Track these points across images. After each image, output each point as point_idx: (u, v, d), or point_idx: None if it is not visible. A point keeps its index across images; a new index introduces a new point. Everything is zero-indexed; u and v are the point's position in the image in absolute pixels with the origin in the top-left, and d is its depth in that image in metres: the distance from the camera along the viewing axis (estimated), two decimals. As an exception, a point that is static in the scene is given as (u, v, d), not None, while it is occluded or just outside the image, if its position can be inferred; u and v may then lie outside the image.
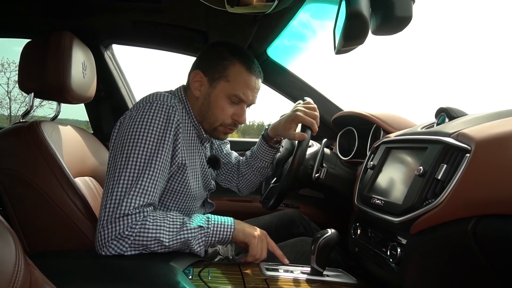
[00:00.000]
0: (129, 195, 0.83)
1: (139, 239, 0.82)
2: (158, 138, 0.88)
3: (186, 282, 0.73)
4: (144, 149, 0.87)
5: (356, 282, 0.91)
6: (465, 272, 0.68)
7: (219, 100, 1.00)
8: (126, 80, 1.77)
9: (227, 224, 0.93)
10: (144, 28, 1.41)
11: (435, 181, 0.74)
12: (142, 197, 0.84)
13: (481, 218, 0.62)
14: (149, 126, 0.88)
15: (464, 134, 0.73)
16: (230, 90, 0.99)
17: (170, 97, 0.96)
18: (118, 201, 0.83)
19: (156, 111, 0.90)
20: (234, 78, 0.99)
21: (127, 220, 0.82)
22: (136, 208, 0.83)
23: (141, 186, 0.84)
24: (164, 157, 0.89)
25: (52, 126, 1.08)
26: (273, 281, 0.84)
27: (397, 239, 0.82)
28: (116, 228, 0.81)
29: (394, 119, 1.24)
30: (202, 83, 1.01)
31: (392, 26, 0.79)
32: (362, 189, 1.02)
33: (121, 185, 0.84)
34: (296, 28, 1.51)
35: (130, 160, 0.86)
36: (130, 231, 0.81)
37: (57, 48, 1.05)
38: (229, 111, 1.01)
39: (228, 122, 1.03)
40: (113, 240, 0.81)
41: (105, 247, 0.81)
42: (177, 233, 0.85)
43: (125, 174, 0.85)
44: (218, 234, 0.90)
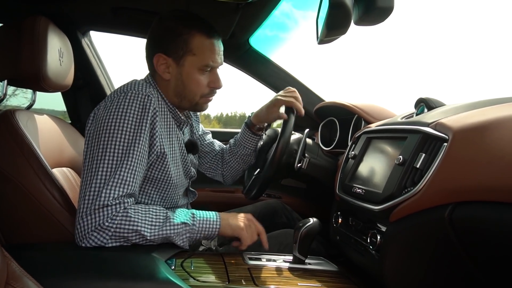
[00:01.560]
0: (108, 186, 0.82)
1: (120, 231, 0.81)
2: (134, 128, 0.87)
3: (169, 272, 0.73)
4: (121, 139, 0.85)
5: (338, 270, 0.93)
6: (442, 258, 0.71)
7: (192, 75, 0.98)
8: (105, 68, 1.72)
9: (213, 220, 0.91)
10: (124, 14, 1.36)
11: (414, 170, 0.76)
12: (122, 187, 0.83)
13: (458, 205, 0.64)
14: (125, 116, 0.86)
15: (442, 123, 0.75)
16: (200, 62, 0.97)
17: (145, 85, 0.94)
18: (97, 192, 0.81)
19: (132, 101, 0.88)
20: (199, 49, 0.96)
21: (107, 211, 0.80)
22: (116, 198, 0.81)
23: (119, 176, 0.83)
24: (142, 147, 0.88)
25: (27, 115, 1.05)
26: (256, 270, 0.85)
27: (377, 227, 0.84)
28: (96, 219, 0.80)
29: (375, 110, 1.26)
30: (168, 64, 0.98)
31: (374, 16, 0.79)
32: (344, 178, 1.03)
33: (99, 176, 0.83)
34: (279, 18, 1.51)
35: (107, 150, 0.84)
36: (110, 222, 0.80)
37: (32, 33, 1.01)
38: (204, 81, 1.00)
39: (206, 92, 1.02)
40: (93, 232, 0.80)
41: (85, 239, 0.80)
42: (159, 227, 0.84)
43: (103, 165, 0.83)
44: (204, 231, 0.89)
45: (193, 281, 0.75)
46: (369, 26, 0.84)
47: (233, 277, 0.79)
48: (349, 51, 15.23)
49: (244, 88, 1.51)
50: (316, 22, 0.94)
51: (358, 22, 0.82)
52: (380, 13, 0.78)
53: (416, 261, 0.76)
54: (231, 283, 0.76)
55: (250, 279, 0.79)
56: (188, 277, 0.76)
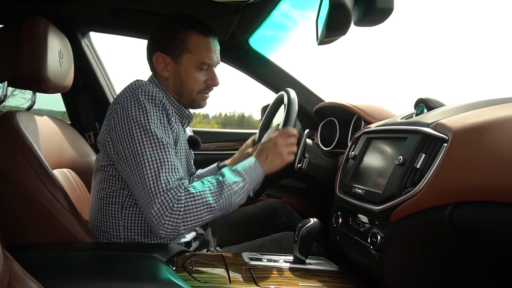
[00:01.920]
0: (163, 171, 0.85)
1: (189, 209, 0.82)
2: (159, 120, 0.91)
3: (170, 273, 0.73)
4: (154, 132, 0.88)
5: (338, 270, 0.93)
6: (442, 258, 0.71)
7: (190, 72, 1.02)
8: (105, 69, 1.72)
9: (255, 167, 0.95)
10: (124, 15, 1.36)
11: (414, 170, 0.76)
12: (174, 172, 0.86)
13: (458, 205, 0.64)
14: (150, 112, 0.90)
15: (441, 124, 0.75)
16: (197, 59, 1.01)
17: (149, 85, 0.97)
18: (156, 178, 0.84)
19: (144, 99, 0.91)
20: (196, 47, 1.01)
21: (172, 194, 0.83)
22: (174, 181, 0.85)
23: (168, 162, 0.86)
24: (169, 136, 0.92)
25: (27, 116, 1.05)
26: (257, 270, 0.85)
27: (377, 227, 0.84)
28: (167, 203, 0.82)
29: (374, 110, 1.26)
30: (166, 63, 1.02)
31: (374, 17, 0.80)
32: (344, 178, 1.04)
33: (149, 168, 0.85)
34: (278, 19, 1.51)
35: (145, 144, 0.87)
36: (178, 204, 0.82)
37: (32, 35, 1.01)
38: (201, 79, 1.04)
39: (203, 88, 1.05)
40: (167, 217, 0.81)
41: (163, 225, 0.82)
42: (219, 193, 0.86)
43: (148, 157, 0.86)
44: (254, 180, 0.94)
45: (194, 281, 0.75)
46: (369, 27, 0.84)
47: (234, 278, 0.79)
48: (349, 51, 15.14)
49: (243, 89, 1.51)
50: (316, 22, 0.94)
51: (358, 23, 0.82)
52: (380, 14, 0.78)
53: (417, 261, 0.76)
54: (233, 283, 0.77)
55: (251, 279, 0.79)
56: (190, 277, 0.77)
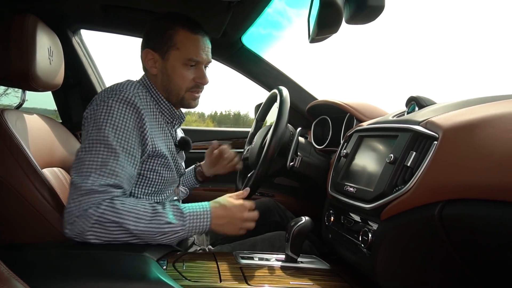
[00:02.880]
0: (95, 173, 0.83)
1: (102, 220, 0.80)
2: (121, 125, 0.88)
3: (160, 272, 0.72)
4: (108, 135, 0.87)
5: (330, 268, 0.93)
6: (433, 256, 0.71)
7: (177, 69, 1.01)
8: (96, 67, 1.70)
9: (204, 217, 0.90)
10: (114, 13, 1.35)
11: (404, 168, 0.76)
12: (110, 177, 0.84)
13: (447, 203, 0.64)
14: (111, 114, 0.88)
15: (432, 122, 0.75)
16: (183, 56, 1.00)
17: (132, 85, 0.96)
18: (84, 178, 0.82)
19: (116, 99, 0.90)
20: (182, 44, 1.00)
21: (92, 196, 0.81)
22: (102, 185, 0.82)
23: (108, 167, 0.84)
24: (129, 144, 0.89)
25: (16, 114, 1.03)
26: (248, 269, 0.84)
27: (368, 225, 0.84)
28: (81, 204, 0.80)
29: (366, 108, 1.26)
30: (155, 60, 1.02)
31: (365, 15, 0.80)
32: (336, 177, 1.03)
33: (87, 164, 0.84)
34: (272, 17, 1.50)
35: (95, 144, 0.86)
36: (94, 210, 0.80)
37: (20, 32, 0.99)
38: (189, 76, 1.02)
39: (191, 86, 1.04)
40: (77, 218, 0.80)
41: (70, 225, 0.80)
42: (146, 223, 0.83)
43: (91, 156, 0.85)
44: (194, 230, 0.88)
45: (185, 281, 0.75)
46: (361, 25, 0.84)
47: (225, 277, 0.78)
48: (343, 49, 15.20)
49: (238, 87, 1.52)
50: (308, 20, 0.94)
51: (350, 21, 0.82)
52: (371, 12, 0.78)
53: (407, 259, 0.76)
54: (223, 282, 0.76)
55: (242, 278, 0.79)
56: (180, 277, 0.76)
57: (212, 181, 1.72)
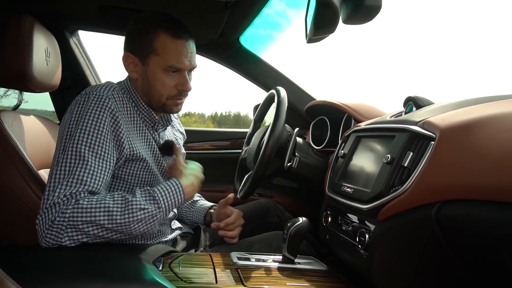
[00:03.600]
0: (62, 185, 0.80)
1: (73, 224, 0.78)
2: (92, 130, 0.86)
3: (155, 274, 0.72)
4: (79, 140, 0.84)
5: (327, 269, 0.92)
6: (430, 257, 0.71)
7: (157, 75, 0.96)
8: (94, 68, 1.70)
9: (177, 191, 0.87)
10: (112, 13, 1.35)
11: (402, 169, 0.76)
12: (77, 186, 0.81)
13: (444, 204, 0.64)
14: (83, 118, 0.86)
15: (429, 122, 0.75)
16: (163, 63, 0.95)
17: (108, 87, 0.93)
18: (51, 191, 0.80)
19: (89, 102, 0.88)
20: (162, 49, 0.94)
21: (57, 207, 0.78)
22: (67, 195, 0.80)
23: (75, 176, 0.81)
24: (102, 148, 0.86)
25: (13, 116, 1.03)
26: (245, 270, 0.84)
27: (365, 225, 0.83)
28: (48, 216, 0.78)
29: (364, 108, 1.26)
30: (135, 63, 0.97)
31: (362, 15, 0.79)
32: (333, 177, 1.03)
33: (56, 176, 0.82)
34: (271, 18, 1.50)
35: (66, 151, 0.84)
36: (61, 217, 0.78)
37: (17, 33, 0.99)
38: (170, 83, 0.97)
39: (173, 94, 0.99)
40: (48, 230, 0.78)
41: (43, 238, 0.78)
42: (120, 214, 0.80)
43: (61, 165, 0.83)
44: (170, 206, 0.86)
45: (180, 282, 0.74)
46: (358, 25, 0.84)
47: (221, 278, 0.78)
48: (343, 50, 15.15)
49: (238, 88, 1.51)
50: (305, 20, 0.94)
51: (347, 21, 0.82)
52: (368, 12, 0.78)
53: (405, 260, 0.75)
54: (219, 283, 0.76)
55: (238, 279, 0.78)
56: (176, 278, 0.76)
57: (210, 182, 1.72)
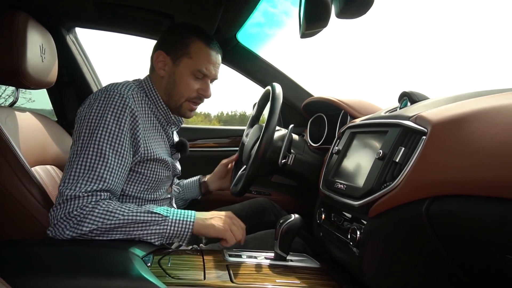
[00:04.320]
0: (84, 180, 0.84)
1: (86, 221, 0.81)
2: (113, 127, 0.89)
3: (143, 269, 0.71)
4: (100, 136, 0.87)
5: (319, 266, 0.91)
6: (421, 254, 0.70)
7: (184, 76, 1.03)
8: (92, 65, 1.70)
9: (187, 220, 0.90)
10: (108, 10, 1.34)
11: (393, 164, 0.75)
12: (97, 182, 0.84)
13: (435, 199, 0.63)
14: (104, 115, 0.89)
15: (421, 117, 0.73)
16: (194, 66, 1.03)
17: (128, 87, 0.96)
18: (73, 183, 0.83)
19: (111, 100, 0.91)
20: (196, 54, 1.03)
21: (78, 201, 0.82)
22: (89, 192, 0.83)
23: (96, 172, 0.85)
24: (121, 146, 0.89)
25: (7, 112, 1.03)
26: (235, 267, 0.83)
27: (357, 222, 0.82)
28: (66, 207, 0.81)
29: (361, 105, 1.25)
30: (165, 62, 1.04)
31: (355, 9, 0.78)
32: (327, 174, 1.02)
33: (77, 169, 0.85)
34: (270, 14, 1.49)
35: (86, 146, 0.87)
36: (79, 212, 0.81)
37: (10, 29, 0.99)
38: (194, 86, 1.05)
39: (193, 96, 1.06)
40: (62, 219, 0.81)
41: (54, 227, 0.81)
42: (132, 227, 0.85)
43: (81, 160, 0.86)
44: (176, 232, 0.89)
45: (168, 278, 0.74)
46: (351, 19, 0.83)
47: (210, 274, 0.77)
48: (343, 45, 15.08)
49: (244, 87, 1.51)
50: (299, 15, 0.93)
51: (340, 15, 0.81)
52: (360, 5, 0.77)
53: (396, 257, 0.74)
54: (207, 279, 0.75)
55: (227, 275, 0.78)
56: (164, 274, 0.75)
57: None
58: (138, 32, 1.57)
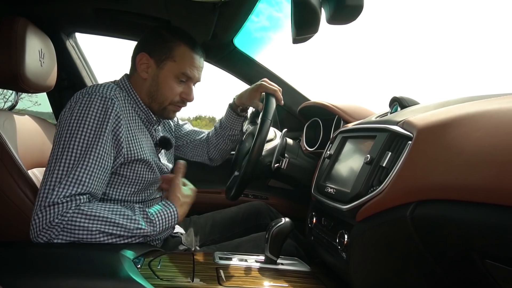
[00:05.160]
0: (61, 184, 0.82)
1: (69, 227, 0.80)
2: (95, 130, 0.88)
3: (132, 271, 0.72)
4: (80, 140, 0.86)
5: (309, 270, 0.92)
6: (407, 259, 0.70)
7: (168, 80, 1.03)
8: (91, 69, 1.73)
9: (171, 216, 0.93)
10: (107, 16, 1.37)
11: (380, 169, 0.75)
12: (75, 186, 0.82)
13: (419, 204, 0.63)
14: (86, 118, 0.88)
15: (408, 122, 0.74)
16: (178, 69, 1.03)
17: (110, 88, 0.95)
18: (51, 189, 0.81)
19: (93, 102, 0.89)
20: (180, 58, 1.03)
21: (57, 208, 0.80)
22: (67, 196, 0.81)
23: (74, 176, 0.83)
24: (102, 148, 0.88)
25: (5, 115, 1.05)
26: (225, 269, 0.84)
27: (345, 226, 0.83)
28: (46, 216, 0.80)
29: (354, 109, 1.25)
30: (148, 65, 1.03)
31: (345, 15, 0.79)
32: (319, 178, 1.03)
33: (55, 175, 0.83)
34: (266, 19, 1.51)
35: (66, 150, 0.85)
36: (60, 219, 0.80)
37: (9, 34, 1.01)
38: (177, 90, 1.05)
39: (176, 100, 1.06)
40: (44, 229, 0.80)
41: (37, 236, 0.80)
42: (119, 227, 0.84)
43: (60, 164, 0.84)
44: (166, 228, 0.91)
45: (156, 280, 0.75)
46: (342, 25, 0.84)
47: (198, 276, 0.78)
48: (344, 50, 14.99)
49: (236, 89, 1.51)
50: (291, 21, 0.94)
51: (330, 21, 0.82)
52: (350, 11, 0.78)
53: (382, 261, 0.74)
54: (195, 282, 0.76)
55: (215, 278, 0.78)
56: (153, 276, 0.76)
57: (205, 183, 1.73)
58: (136, 37, 1.59)
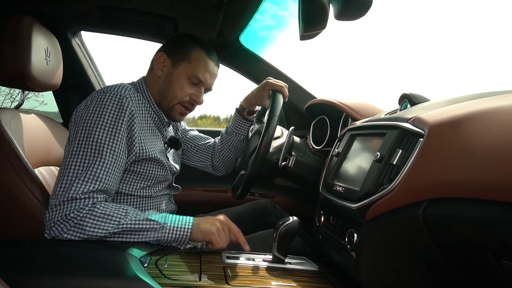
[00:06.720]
0: (79, 180, 0.84)
1: (82, 223, 0.81)
2: (111, 127, 0.90)
3: (139, 270, 0.72)
4: (97, 137, 0.88)
5: (318, 270, 0.90)
6: (418, 258, 0.69)
7: (180, 79, 1.06)
8: (97, 68, 1.73)
9: (184, 227, 0.89)
10: (111, 14, 1.36)
11: (391, 167, 0.74)
12: (93, 182, 0.85)
13: (431, 202, 0.62)
14: (102, 115, 0.90)
15: (419, 119, 0.73)
16: (191, 71, 1.06)
17: (125, 88, 0.97)
18: (68, 185, 0.83)
19: (109, 101, 0.91)
20: (195, 60, 1.06)
21: (75, 203, 0.82)
22: (85, 193, 0.83)
23: (92, 172, 0.85)
24: (118, 146, 0.90)
25: (12, 114, 1.05)
26: (232, 269, 0.83)
27: (355, 225, 0.82)
28: (62, 210, 0.81)
29: (362, 107, 1.24)
30: (165, 64, 1.07)
31: (353, 11, 0.78)
32: (327, 176, 1.01)
33: (72, 171, 0.85)
34: (271, 17, 1.49)
35: (82, 146, 0.87)
36: (75, 214, 0.81)
37: (15, 33, 1.01)
38: (188, 90, 1.07)
39: (186, 100, 1.08)
40: (58, 222, 0.81)
41: (50, 229, 0.82)
42: (129, 232, 0.85)
43: (77, 161, 0.86)
44: (173, 238, 0.88)
45: (164, 279, 0.74)
46: (351, 21, 0.82)
47: (205, 276, 0.77)
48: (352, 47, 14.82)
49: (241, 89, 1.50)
50: (298, 18, 0.93)
51: (338, 17, 0.81)
52: (359, 7, 0.77)
53: (392, 261, 0.73)
54: (203, 281, 0.75)
55: (222, 277, 0.78)
56: (160, 275, 0.75)
57: (211, 182, 1.72)
58: (141, 35, 1.59)
